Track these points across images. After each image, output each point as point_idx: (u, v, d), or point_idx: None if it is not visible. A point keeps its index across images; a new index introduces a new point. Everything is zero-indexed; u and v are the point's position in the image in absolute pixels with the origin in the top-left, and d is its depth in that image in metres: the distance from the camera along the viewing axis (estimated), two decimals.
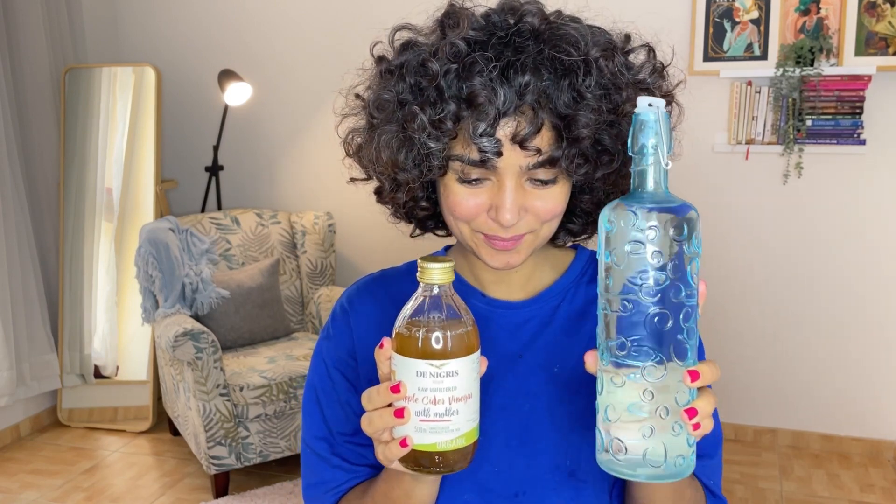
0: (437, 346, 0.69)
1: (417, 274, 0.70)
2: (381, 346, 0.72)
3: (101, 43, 3.71)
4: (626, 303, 0.65)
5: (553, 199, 0.80)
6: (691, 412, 0.65)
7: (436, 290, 0.70)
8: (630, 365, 0.65)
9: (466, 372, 0.70)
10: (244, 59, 3.61)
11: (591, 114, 0.76)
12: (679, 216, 0.64)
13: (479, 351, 0.72)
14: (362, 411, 0.73)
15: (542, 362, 0.90)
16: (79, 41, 3.59)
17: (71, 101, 3.42)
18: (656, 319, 0.64)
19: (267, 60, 3.60)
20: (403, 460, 0.72)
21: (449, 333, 0.69)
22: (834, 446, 3.19)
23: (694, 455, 0.68)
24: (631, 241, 0.64)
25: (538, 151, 0.76)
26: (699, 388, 0.68)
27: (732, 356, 3.23)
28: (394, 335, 0.71)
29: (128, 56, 3.78)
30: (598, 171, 0.80)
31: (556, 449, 0.88)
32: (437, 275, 0.70)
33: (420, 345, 0.69)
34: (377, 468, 0.90)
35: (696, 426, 0.65)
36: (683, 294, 0.65)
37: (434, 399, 0.69)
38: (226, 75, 3.37)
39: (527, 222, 0.81)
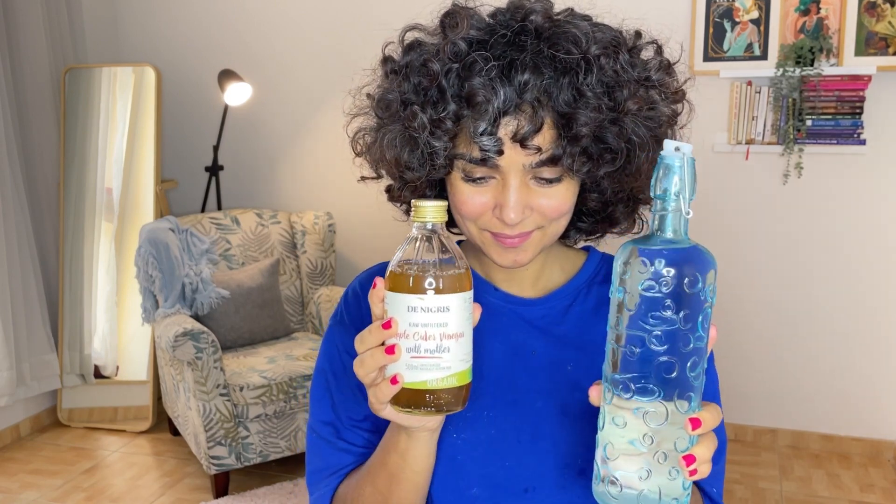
0: (429, 281, 0.69)
1: (411, 214, 0.71)
2: (375, 287, 0.72)
3: (101, 43, 3.71)
4: (634, 347, 0.65)
5: (559, 198, 0.80)
6: (689, 459, 0.65)
7: (429, 227, 0.71)
8: (633, 407, 0.65)
9: (458, 310, 0.70)
10: (244, 59, 3.61)
11: (592, 112, 0.75)
12: (696, 267, 0.64)
13: (471, 292, 0.71)
14: None
15: (555, 360, 0.90)
16: (79, 41, 3.59)
17: (71, 101, 3.42)
18: (663, 368, 0.64)
19: (267, 60, 3.60)
20: (395, 401, 0.72)
21: (441, 270, 0.69)
22: (834, 446, 3.19)
23: (689, 497, 0.68)
24: (646, 288, 0.64)
25: (539, 150, 0.76)
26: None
27: (733, 356, 3.23)
28: (387, 273, 0.71)
29: (128, 56, 3.79)
30: (601, 168, 0.80)
31: (566, 447, 0.88)
32: (430, 213, 0.70)
33: (411, 280, 0.69)
34: None
35: (693, 472, 0.65)
36: (692, 344, 0.64)
37: (425, 335, 0.69)
38: (226, 75, 3.37)
39: (533, 220, 0.81)
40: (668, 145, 0.64)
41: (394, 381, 0.70)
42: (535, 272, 0.92)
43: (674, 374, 0.64)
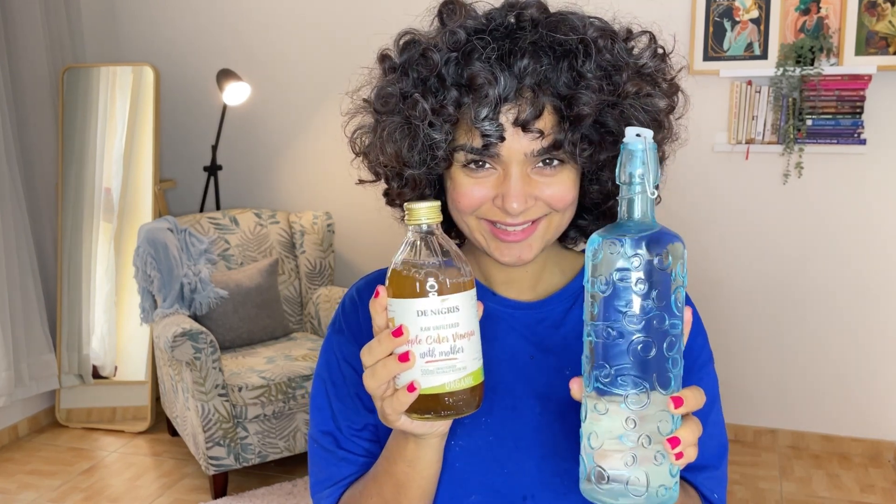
0: (435, 283, 0.68)
1: (405, 217, 0.70)
2: (377, 295, 0.70)
3: (99, 42, 3.71)
4: (611, 330, 0.65)
5: (562, 185, 0.80)
6: (674, 441, 0.65)
7: (425, 228, 0.70)
8: (614, 392, 0.66)
9: (467, 308, 0.69)
10: (243, 58, 3.61)
11: (592, 93, 0.75)
12: (664, 245, 0.65)
13: (475, 290, 0.71)
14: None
15: (553, 365, 0.89)
16: (77, 41, 3.58)
17: (69, 101, 3.41)
18: (640, 347, 0.65)
19: (266, 60, 3.60)
20: (411, 410, 0.70)
21: (445, 270, 0.69)
22: (834, 446, 3.18)
23: (678, 485, 0.68)
24: (617, 270, 0.65)
25: (541, 134, 0.76)
26: (683, 417, 0.67)
27: (733, 356, 3.23)
28: (388, 281, 0.70)
29: (126, 56, 3.78)
30: (602, 153, 0.80)
31: (566, 453, 0.87)
32: (424, 213, 0.69)
33: (417, 285, 0.68)
34: None
35: (679, 455, 0.65)
36: (668, 323, 0.65)
37: (438, 337, 0.68)
38: (224, 75, 3.37)
39: (539, 208, 0.80)
40: (630, 132, 0.66)
41: (411, 388, 0.68)
42: (534, 274, 0.91)
43: (652, 354, 0.65)
